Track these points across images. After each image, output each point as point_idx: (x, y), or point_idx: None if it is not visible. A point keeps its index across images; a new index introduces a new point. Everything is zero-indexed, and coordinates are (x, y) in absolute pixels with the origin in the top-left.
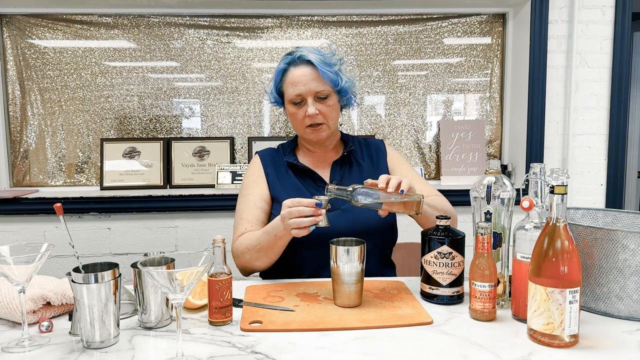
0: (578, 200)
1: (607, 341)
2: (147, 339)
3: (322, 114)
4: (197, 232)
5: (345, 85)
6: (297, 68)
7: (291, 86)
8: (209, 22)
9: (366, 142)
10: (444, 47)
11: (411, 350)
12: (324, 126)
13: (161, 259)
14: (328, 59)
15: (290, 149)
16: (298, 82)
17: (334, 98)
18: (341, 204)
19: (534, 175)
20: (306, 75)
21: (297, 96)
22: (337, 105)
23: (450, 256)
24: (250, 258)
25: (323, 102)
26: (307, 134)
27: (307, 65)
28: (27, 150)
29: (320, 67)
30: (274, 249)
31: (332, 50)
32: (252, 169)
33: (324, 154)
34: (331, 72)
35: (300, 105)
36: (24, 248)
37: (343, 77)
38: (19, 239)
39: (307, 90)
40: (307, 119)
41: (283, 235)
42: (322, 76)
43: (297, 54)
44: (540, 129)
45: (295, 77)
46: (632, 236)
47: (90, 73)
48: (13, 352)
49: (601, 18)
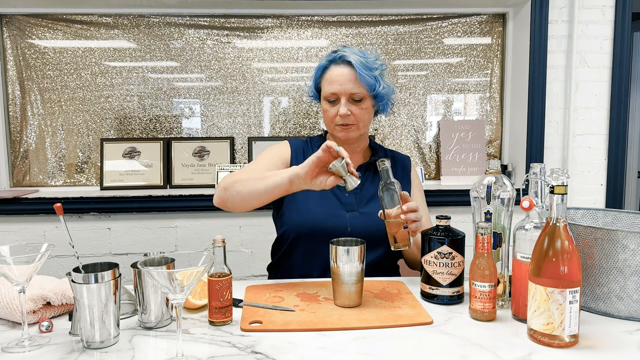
0: (578, 200)
1: (607, 341)
2: (147, 339)
3: (354, 115)
4: (197, 232)
5: (382, 91)
6: (337, 67)
7: (328, 84)
8: (209, 22)
9: (393, 155)
10: (444, 47)
11: (411, 350)
12: (354, 127)
13: (161, 259)
14: (370, 62)
15: (319, 144)
16: (335, 81)
17: (369, 102)
18: (362, 206)
19: (534, 175)
20: (344, 76)
21: (332, 94)
22: (371, 109)
23: (450, 256)
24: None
25: (357, 104)
26: (336, 131)
27: (347, 66)
28: (27, 150)
29: (359, 69)
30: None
31: (376, 54)
32: (280, 149)
33: (351, 155)
34: (369, 75)
35: (334, 103)
36: (24, 248)
37: (382, 82)
38: (19, 239)
39: (342, 90)
40: (339, 117)
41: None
42: (359, 79)
43: (340, 54)
44: (540, 129)
45: (333, 76)
46: (632, 236)
47: (90, 73)
48: (13, 352)
49: (601, 18)
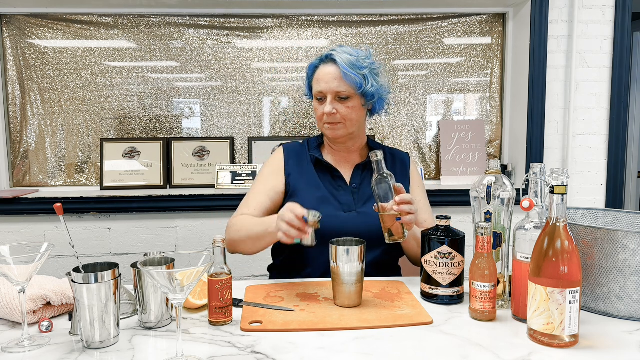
0: (578, 200)
1: (607, 341)
2: (147, 339)
3: (340, 113)
4: (197, 232)
5: (371, 89)
6: (325, 66)
7: (316, 82)
8: (209, 22)
9: (392, 153)
10: (444, 47)
11: (411, 350)
12: (340, 125)
13: (161, 259)
14: (359, 61)
15: (316, 145)
16: (322, 80)
17: (357, 100)
18: (359, 206)
19: (534, 175)
20: (330, 74)
21: (319, 93)
22: (360, 107)
23: (450, 256)
24: (239, 240)
25: (343, 102)
26: (324, 130)
27: (334, 65)
28: (27, 150)
29: (344, 68)
30: (262, 241)
31: (368, 53)
32: (273, 160)
33: (347, 155)
34: (355, 74)
35: (321, 101)
36: (24, 248)
37: (370, 81)
38: (19, 239)
39: (328, 88)
40: (325, 116)
41: (273, 232)
42: (344, 77)
43: (328, 52)
44: (540, 129)
45: (320, 75)
46: (632, 236)
47: (90, 73)
48: (13, 352)
49: (601, 18)
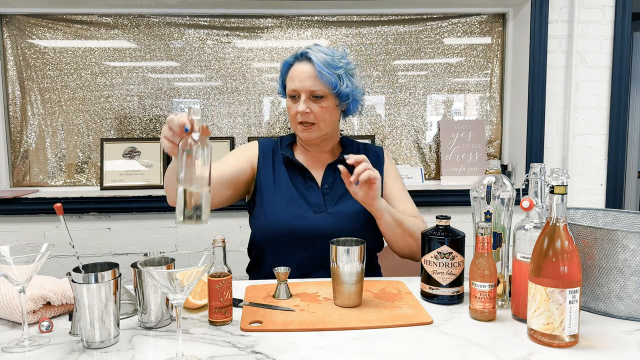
0: (578, 200)
1: (607, 341)
2: (147, 339)
3: (314, 113)
4: (197, 232)
5: (345, 89)
6: (299, 64)
7: (290, 80)
8: (209, 22)
9: (365, 148)
10: (444, 47)
11: (411, 350)
12: (315, 127)
13: (161, 259)
14: (335, 61)
15: (288, 143)
16: (296, 78)
17: (331, 100)
18: (330, 206)
19: (534, 175)
20: (305, 73)
21: (292, 91)
22: (334, 108)
23: (450, 256)
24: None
25: (317, 101)
26: (298, 131)
27: (309, 63)
28: (27, 150)
29: (319, 67)
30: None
31: (343, 53)
32: (248, 148)
33: (319, 154)
34: (330, 73)
35: (295, 100)
36: (24, 248)
37: (345, 81)
38: (19, 239)
39: (302, 87)
40: (299, 115)
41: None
42: (319, 76)
43: (302, 51)
44: (540, 129)
45: (294, 73)
46: (632, 236)
47: (90, 73)
48: (13, 352)
49: (601, 18)
